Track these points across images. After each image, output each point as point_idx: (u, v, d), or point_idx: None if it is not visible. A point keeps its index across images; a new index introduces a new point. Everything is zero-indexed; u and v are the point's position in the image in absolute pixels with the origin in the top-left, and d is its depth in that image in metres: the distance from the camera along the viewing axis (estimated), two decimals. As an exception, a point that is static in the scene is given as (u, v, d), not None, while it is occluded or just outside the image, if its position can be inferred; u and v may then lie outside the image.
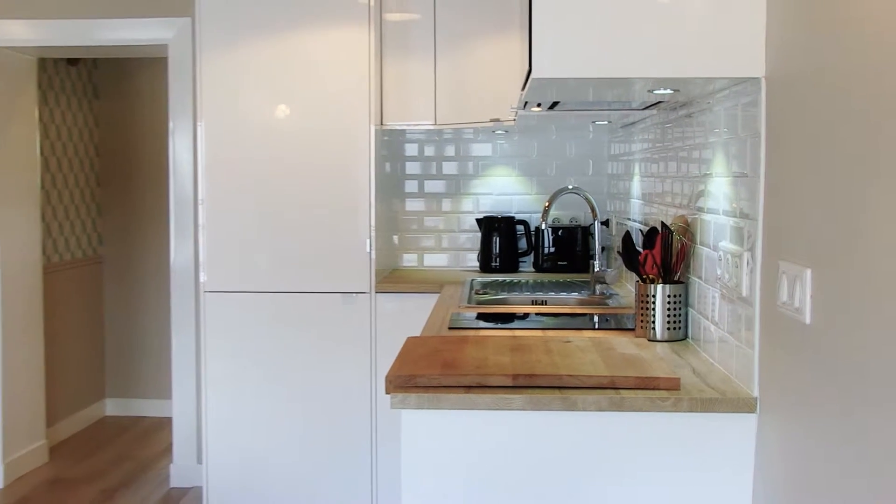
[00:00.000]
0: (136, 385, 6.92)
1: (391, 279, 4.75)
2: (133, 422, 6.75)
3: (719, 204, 2.62)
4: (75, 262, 6.56)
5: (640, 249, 3.08)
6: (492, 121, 4.55)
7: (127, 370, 6.93)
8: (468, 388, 2.31)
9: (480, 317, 3.55)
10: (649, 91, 2.76)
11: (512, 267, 4.99)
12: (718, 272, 2.60)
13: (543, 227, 4.79)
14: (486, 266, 5.01)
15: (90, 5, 5.23)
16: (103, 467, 5.76)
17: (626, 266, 3.20)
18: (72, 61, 6.45)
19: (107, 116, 6.90)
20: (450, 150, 5.20)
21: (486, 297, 4.10)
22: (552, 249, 4.93)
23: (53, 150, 6.23)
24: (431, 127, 4.77)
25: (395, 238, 5.18)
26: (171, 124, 5.26)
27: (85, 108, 6.72)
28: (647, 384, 2.31)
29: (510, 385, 2.31)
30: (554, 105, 3.35)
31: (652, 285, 2.94)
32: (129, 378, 6.93)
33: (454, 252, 5.21)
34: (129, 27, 5.22)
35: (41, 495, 5.31)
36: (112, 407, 6.95)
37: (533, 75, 2.40)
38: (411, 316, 4.18)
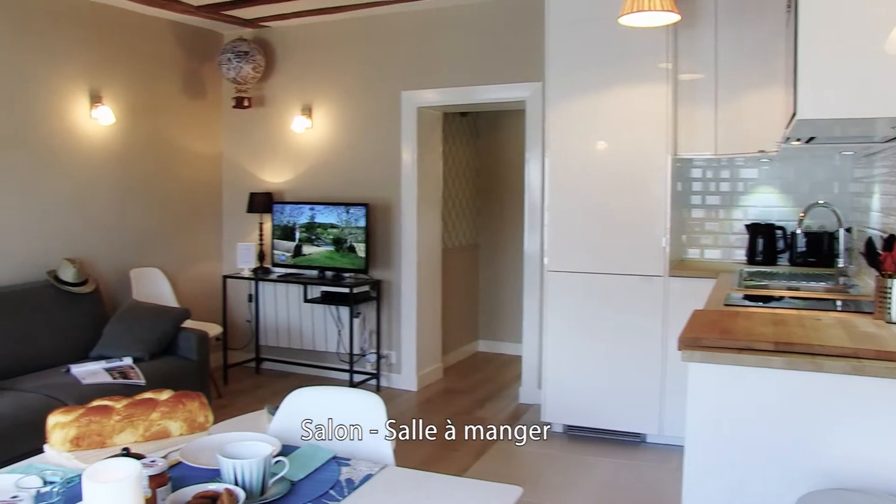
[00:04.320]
0: (498, 331, 7.11)
1: (679, 267, 4.57)
2: (495, 356, 6.94)
3: (950, 217, 2.31)
4: (461, 247, 6.84)
5: (880, 251, 2.78)
6: (759, 151, 4.29)
7: (493, 321, 7.13)
8: (739, 349, 2.19)
9: (747, 297, 3.34)
10: (892, 128, 2.48)
11: (771, 261, 4.65)
12: (948, 271, 2.30)
13: (798, 231, 4.46)
14: (751, 259, 4.70)
15: (475, 77, 5.42)
16: (476, 384, 5.97)
17: (868, 264, 2.89)
18: (463, 114, 6.72)
19: (483, 150, 7.12)
20: (724, 174, 4.92)
21: (752, 282, 3.85)
22: (804, 249, 4.55)
23: (450, 173, 6.52)
24: (711, 156, 4.54)
25: (683, 237, 4.98)
26: (526, 155, 5.34)
27: (470, 144, 6.97)
28: (885, 356, 2.07)
29: (772, 349, 2.16)
30: (810, 140, 3.09)
31: (890, 279, 2.64)
32: (494, 326, 7.13)
33: (726, 248, 4.93)
34: (500, 90, 5.36)
35: (439, 398, 5.59)
36: (482, 345, 7.18)
37: (797, 117, 2.23)
38: (694, 294, 4.02)
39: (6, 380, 4.15)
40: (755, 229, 4.70)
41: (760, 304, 3.18)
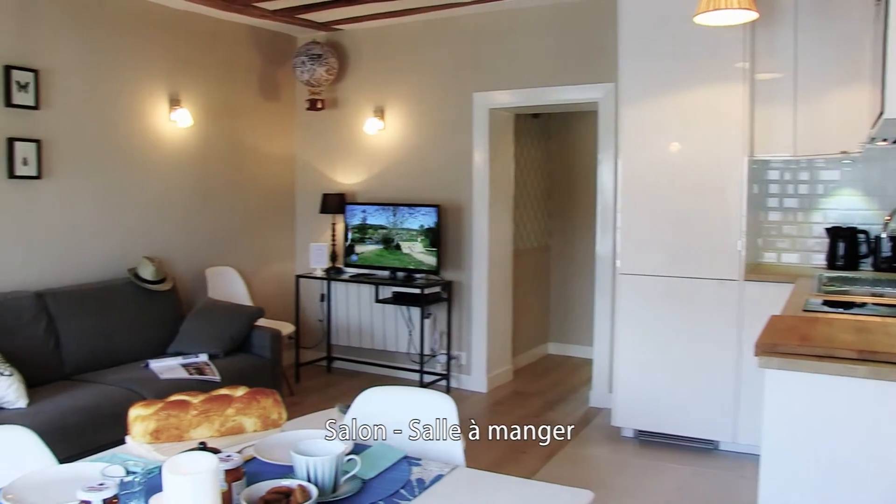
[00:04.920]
0: (569, 334, 7.05)
1: (755, 271, 4.45)
2: (566, 359, 6.89)
3: None
4: (532, 249, 6.81)
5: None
6: (841, 153, 4.16)
7: (563, 324, 7.08)
8: (820, 357, 2.12)
9: (826, 303, 3.23)
10: None
11: (853, 266, 4.49)
12: None
13: (883, 235, 4.30)
14: (831, 264, 4.55)
15: (548, 78, 5.40)
16: (546, 387, 5.94)
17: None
18: (535, 115, 6.69)
19: (555, 152, 7.08)
20: (803, 175, 4.76)
21: (832, 288, 3.73)
22: (889, 254, 4.38)
23: (521, 174, 6.50)
24: (789, 157, 4.42)
25: (759, 241, 4.85)
26: (599, 157, 5.29)
27: (541, 146, 6.94)
28: (976, 366, 1.98)
29: (855, 357, 2.08)
30: (897, 140, 2.98)
31: (981, 286, 2.53)
32: (564, 329, 7.08)
33: (804, 252, 4.78)
34: (573, 91, 5.32)
35: (508, 400, 5.58)
36: (552, 348, 7.13)
37: (885, 116, 2.15)
38: (770, 299, 3.91)
39: (89, 373, 4.32)
40: (836, 233, 4.55)
41: (841, 310, 3.07)
